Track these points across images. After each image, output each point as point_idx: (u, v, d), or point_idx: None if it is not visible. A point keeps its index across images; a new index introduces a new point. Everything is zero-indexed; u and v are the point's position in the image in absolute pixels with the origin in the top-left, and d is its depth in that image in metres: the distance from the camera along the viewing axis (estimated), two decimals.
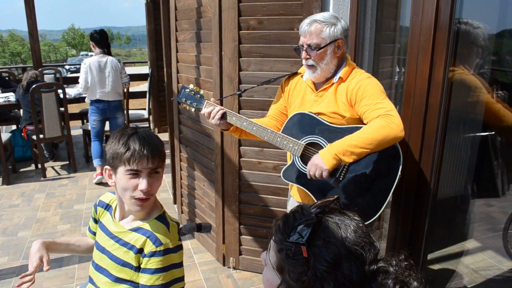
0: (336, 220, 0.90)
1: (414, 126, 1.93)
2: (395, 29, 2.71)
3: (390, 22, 2.65)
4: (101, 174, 4.93)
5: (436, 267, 2.45)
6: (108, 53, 4.79)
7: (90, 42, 4.77)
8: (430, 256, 2.26)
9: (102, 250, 1.61)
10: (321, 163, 1.73)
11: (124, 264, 1.52)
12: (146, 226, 1.53)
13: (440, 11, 1.73)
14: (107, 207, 1.69)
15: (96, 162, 4.96)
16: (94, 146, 4.95)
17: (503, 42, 2.09)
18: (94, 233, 1.74)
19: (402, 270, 0.88)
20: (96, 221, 1.73)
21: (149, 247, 1.47)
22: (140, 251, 1.49)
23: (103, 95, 4.75)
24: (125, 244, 1.53)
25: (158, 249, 1.47)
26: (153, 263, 1.47)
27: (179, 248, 1.55)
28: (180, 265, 1.55)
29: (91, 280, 1.67)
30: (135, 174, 1.44)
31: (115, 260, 1.55)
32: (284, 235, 0.89)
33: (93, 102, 4.79)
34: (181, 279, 1.55)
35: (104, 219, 1.67)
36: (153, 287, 1.47)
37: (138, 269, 1.51)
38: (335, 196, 1.00)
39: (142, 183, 1.44)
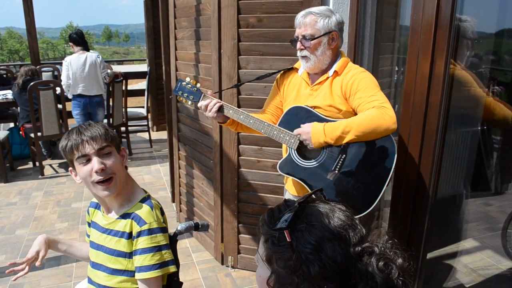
0: (319, 207, 0.92)
1: (414, 125, 1.93)
2: (395, 28, 2.70)
3: (390, 21, 2.64)
4: None
5: (435, 266, 2.44)
6: (86, 50, 5.06)
7: (70, 43, 5.06)
8: (429, 255, 2.25)
9: (97, 247, 1.63)
10: (310, 137, 1.80)
11: (119, 254, 1.55)
12: (132, 209, 1.57)
13: (441, 9, 1.73)
14: (97, 205, 1.72)
15: None
16: None
17: (503, 40, 2.08)
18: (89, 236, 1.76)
19: (388, 249, 0.90)
20: (90, 224, 1.75)
21: (135, 228, 1.52)
22: (130, 235, 1.54)
23: (84, 90, 4.99)
24: (116, 233, 1.57)
25: (143, 228, 1.51)
26: (141, 243, 1.51)
27: (163, 230, 1.58)
28: (167, 247, 1.57)
29: (90, 281, 1.67)
30: (86, 160, 1.49)
31: (109, 252, 1.58)
32: (269, 226, 0.92)
33: (75, 96, 5.02)
34: (172, 262, 1.57)
35: (96, 218, 1.69)
36: (143, 268, 1.50)
37: (131, 255, 1.54)
38: (319, 188, 1.04)
39: (94, 164, 1.48)
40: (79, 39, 5.02)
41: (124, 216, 1.57)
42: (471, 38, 1.99)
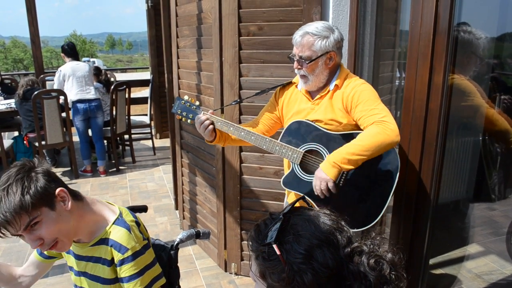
0: (304, 216, 0.93)
1: (414, 131, 1.93)
2: (395, 34, 2.72)
3: (390, 27, 2.66)
4: (90, 171, 5.55)
5: (438, 271, 2.44)
6: (77, 60, 5.34)
7: (61, 54, 5.33)
8: (432, 261, 2.25)
9: (78, 273, 1.52)
10: (324, 175, 1.75)
11: (104, 281, 1.46)
12: (107, 235, 1.43)
13: (439, 16, 1.74)
14: None
15: (85, 162, 5.49)
16: (82, 147, 5.41)
17: (503, 46, 2.09)
18: (48, 257, 1.61)
19: (377, 246, 0.91)
20: None
21: (117, 256, 1.40)
22: (112, 262, 1.42)
23: (82, 94, 5.19)
24: (97, 259, 1.45)
25: (126, 255, 1.39)
26: (126, 270, 1.40)
27: (147, 247, 1.47)
28: (153, 263, 1.48)
29: None
30: (19, 236, 1.27)
31: (94, 278, 1.48)
32: (258, 241, 0.92)
33: (75, 103, 5.17)
34: (160, 276, 1.49)
35: None
36: None
37: (117, 279, 1.45)
38: (301, 195, 1.05)
39: (30, 244, 1.28)
40: (70, 50, 5.28)
41: (100, 242, 1.43)
42: (481, 56, 1.99)
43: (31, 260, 1.62)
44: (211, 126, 1.98)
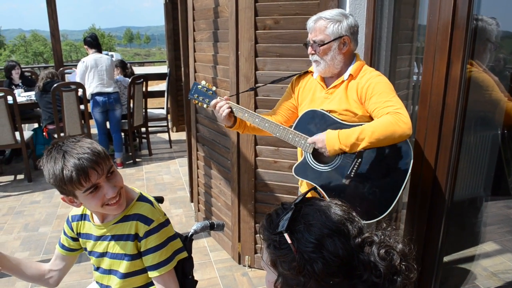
0: (315, 206, 0.94)
1: (430, 126, 1.92)
2: (413, 28, 2.68)
3: (407, 21, 2.63)
4: None
5: (453, 269, 2.42)
6: (100, 52, 5.36)
7: (84, 45, 5.38)
8: (447, 258, 2.23)
9: (100, 255, 1.58)
10: (324, 147, 1.80)
11: (128, 258, 1.52)
12: (131, 211, 1.51)
13: (457, 9, 1.71)
14: (82, 217, 1.62)
15: None
16: (100, 139, 5.45)
17: None
18: (69, 249, 1.67)
19: (388, 236, 0.92)
20: (76, 238, 1.65)
21: (143, 229, 1.47)
22: (136, 236, 1.49)
23: (102, 87, 5.24)
24: (120, 237, 1.52)
25: (152, 226, 1.48)
26: (151, 241, 1.47)
27: (169, 221, 1.57)
28: (175, 236, 1.56)
29: (101, 285, 1.65)
30: (94, 188, 1.37)
31: (117, 257, 1.54)
32: (269, 230, 0.94)
33: (94, 95, 5.24)
34: (182, 249, 1.57)
35: (85, 229, 1.61)
36: (160, 264, 1.49)
37: (140, 255, 1.52)
38: (312, 186, 1.06)
39: (108, 192, 1.39)
40: (94, 41, 5.31)
41: (124, 219, 1.51)
42: (494, 42, 1.96)
43: (56, 253, 1.70)
44: (227, 110, 2.00)
